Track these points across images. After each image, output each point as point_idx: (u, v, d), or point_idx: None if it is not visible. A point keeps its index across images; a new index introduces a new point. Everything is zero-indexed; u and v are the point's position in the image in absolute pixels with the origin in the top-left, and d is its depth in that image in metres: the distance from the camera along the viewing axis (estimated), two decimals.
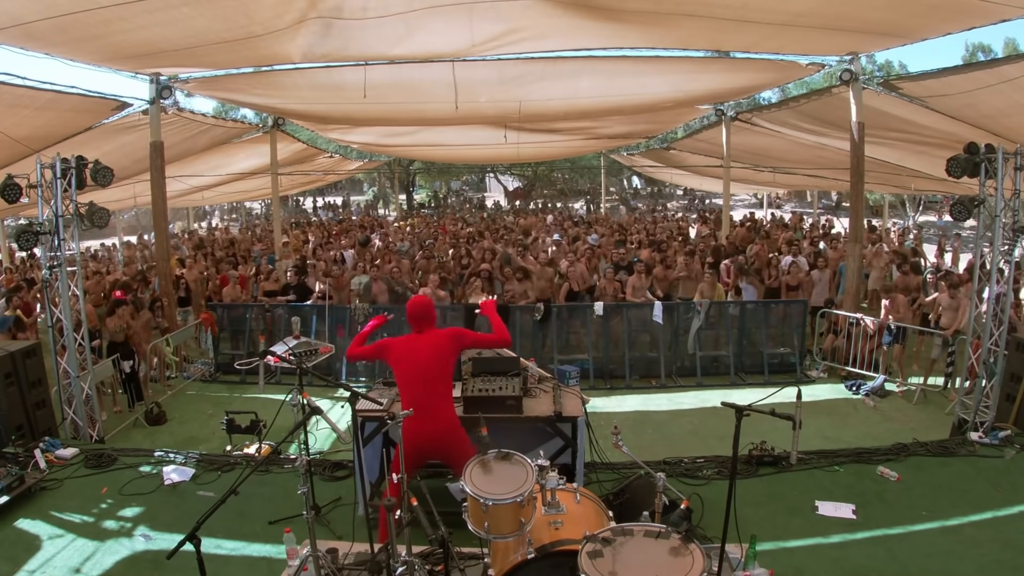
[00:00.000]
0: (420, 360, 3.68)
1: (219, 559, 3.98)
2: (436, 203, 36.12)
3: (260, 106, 11.20)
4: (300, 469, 3.26)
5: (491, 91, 9.26)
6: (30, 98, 7.02)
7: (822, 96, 9.11)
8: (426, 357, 3.68)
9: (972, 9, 5.74)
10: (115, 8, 5.43)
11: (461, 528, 2.97)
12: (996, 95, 6.77)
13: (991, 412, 5.82)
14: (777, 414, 3.00)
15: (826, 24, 6.69)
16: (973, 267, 6.37)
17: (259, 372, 6.89)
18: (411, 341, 3.79)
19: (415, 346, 3.75)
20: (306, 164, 17.58)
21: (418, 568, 3.05)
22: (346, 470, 5.12)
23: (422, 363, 3.67)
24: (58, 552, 4.11)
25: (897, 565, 3.90)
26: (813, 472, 5.07)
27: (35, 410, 5.78)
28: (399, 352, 3.76)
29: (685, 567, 2.49)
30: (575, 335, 8.67)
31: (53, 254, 5.79)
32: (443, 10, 6.32)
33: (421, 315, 3.84)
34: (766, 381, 8.02)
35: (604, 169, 23.84)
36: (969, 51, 23.18)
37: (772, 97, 17.10)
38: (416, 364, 3.67)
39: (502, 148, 14.60)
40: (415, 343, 3.76)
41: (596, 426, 4.69)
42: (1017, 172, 5.45)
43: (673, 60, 8.43)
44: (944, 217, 23.12)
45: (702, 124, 15.05)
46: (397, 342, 3.84)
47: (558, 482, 3.07)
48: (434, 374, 3.67)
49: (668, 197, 35.38)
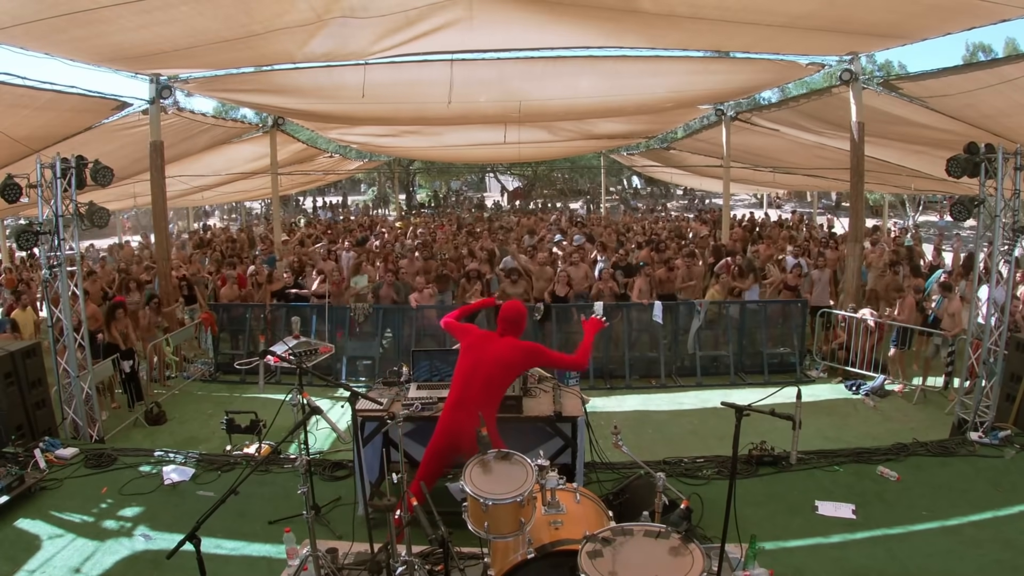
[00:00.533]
0: (487, 359, 3.67)
1: (219, 559, 3.97)
2: (436, 203, 36.11)
3: (260, 105, 11.20)
4: (300, 469, 3.26)
5: (491, 91, 9.26)
6: (30, 98, 7.02)
7: (822, 96, 9.11)
8: (494, 359, 3.67)
9: (972, 9, 5.74)
10: (114, 8, 5.43)
11: (461, 528, 2.97)
12: (996, 95, 6.77)
13: (991, 412, 5.81)
14: (777, 414, 3.00)
15: (826, 26, 6.70)
16: (971, 265, 6.36)
17: (259, 372, 6.89)
18: (489, 338, 3.79)
19: (490, 344, 3.74)
20: (306, 164, 17.59)
21: (418, 568, 3.05)
22: (346, 470, 5.12)
23: (487, 363, 3.66)
24: (58, 552, 4.11)
25: (897, 565, 3.90)
26: (813, 472, 5.07)
27: (35, 410, 5.78)
28: (473, 341, 3.77)
29: (685, 567, 2.49)
30: (575, 335, 8.66)
31: (53, 254, 5.79)
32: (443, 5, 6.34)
33: (512, 319, 3.82)
34: (766, 381, 8.02)
35: (604, 169, 23.85)
36: (970, 51, 23.22)
37: (772, 97, 17.12)
38: (481, 361, 3.67)
39: (502, 148, 14.62)
40: (491, 342, 3.76)
41: (596, 426, 4.68)
42: (1017, 172, 5.45)
43: (673, 60, 8.44)
44: (945, 217, 23.12)
45: (702, 124, 15.05)
46: (478, 333, 3.85)
47: (558, 482, 3.07)
48: (492, 378, 3.66)
49: (668, 197, 35.38)
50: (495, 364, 3.66)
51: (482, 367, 3.66)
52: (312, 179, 21.97)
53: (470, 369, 3.68)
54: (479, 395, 3.63)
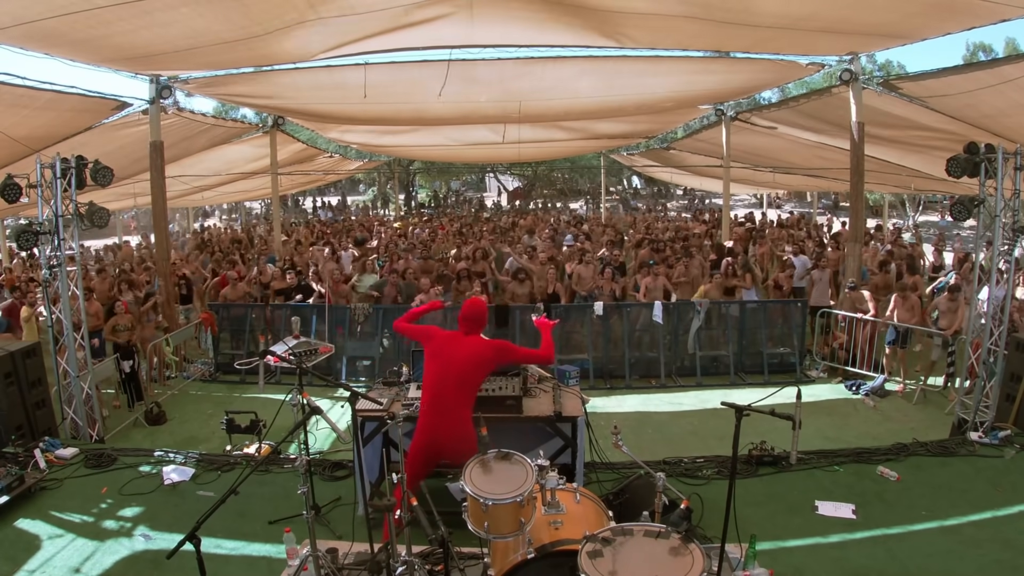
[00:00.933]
0: (457, 360, 3.63)
1: (219, 559, 3.97)
2: (436, 203, 36.11)
3: (260, 105, 11.21)
4: (300, 469, 3.26)
5: (491, 91, 9.26)
6: (30, 98, 7.03)
7: (822, 96, 9.11)
8: (463, 359, 3.63)
9: (972, 9, 5.74)
10: (114, 8, 5.43)
11: (461, 528, 2.97)
12: (996, 95, 6.77)
13: (991, 412, 5.81)
14: (777, 414, 3.00)
15: (827, 28, 6.70)
16: (971, 266, 6.35)
17: (259, 372, 6.89)
18: (455, 339, 3.73)
19: (457, 345, 3.69)
20: (306, 164, 17.58)
21: (418, 568, 3.05)
22: (346, 470, 5.12)
23: (458, 364, 3.62)
24: (58, 552, 4.11)
25: (897, 565, 3.90)
26: (813, 472, 5.06)
27: (35, 410, 5.78)
28: (439, 345, 3.71)
29: (685, 567, 2.49)
30: (575, 335, 8.67)
31: (53, 254, 5.79)
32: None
33: (475, 317, 3.78)
34: (766, 381, 8.02)
35: (604, 169, 23.85)
36: (970, 51, 23.22)
37: (772, 97, 17.11)
38: (451, 363, 3.63)
39: (502, 148, 14.62)
40: (458, 342, 3.71)
41: (596, 426, 4.68)
42: (1017, 172, 5.44)
43: (673, 60, 8.44)
44: (945, 217, 23.11)
45: (702, 124, 15.05)
46: (442, 334, 3.80)
47: (558, 482, 3.07)
48: (465, 378, 3.63)
49: (668, 197, 35.37)
50: (467, 363, 3.63)
51: (453, 368, 3.62)
52: (312, 179, 21.97)
53: (441, 372, 3.63)
54: (454, 396, 3.60)
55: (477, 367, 3.65)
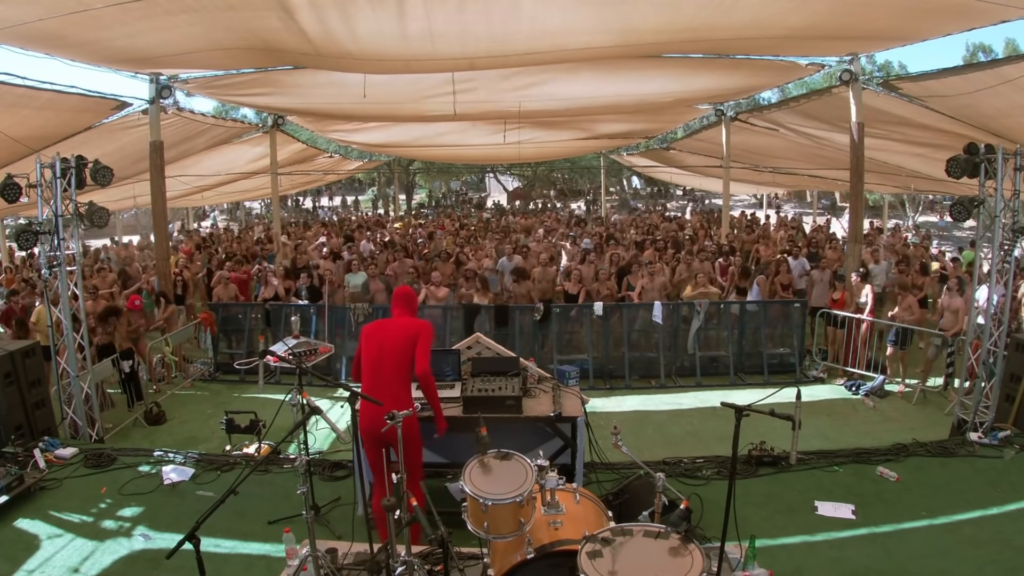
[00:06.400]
0: (390, 339, 3.75)
1: (218, 559, 3.97)
2: (436, 203, 36.09)
3: (260, 105, 11.21)
4: (299, 469, 3.25)
5: (491, 90, 9.25)
6: (30, 98, 7.02)
7: (822, 96, 9.10)
8: (394, 339, 3.75)
9: (972, 10, 5.74)
10: (113, 9, 5.42)
11: (461, 528, 2.97)
12: (996, 96, 6.77)
13: (990, 412, 5.81)
14: (777, 414, 3.00)
15: (827, 35, 6.71)
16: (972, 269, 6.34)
17: (259, 372, 6.89)
18: (383, 324, 3.90)
19: (386, 328, 3.84)
20: (306, 164, 17.58)
21: (418, 568, 3.05)
22: (345, 470, 5.12)
23: (389, 343, 3.74)
24: (57, 552, 4.11)
25: (896, 565, 3.90)
26: (813, 472, 5.07)
27: (34, 410, 5.78)
28: (368, 331, 3.86)
29: (685, 567, 2.49)
30: (575, 335, 8.67)
31: (53, 254, 5.78)
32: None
33: (404, 298, 3.96)
34: (766, 381, 8.02)
35: (604, 169, 23.84)
36: (970, 51, 23.21)
37: (772, 97, 17.09)
38: (382, 343, 3.74)
39: (502, 148, 14.61)
40: (386, 325, 3.86)
41: (596, 426, 4.69)
42: (1017, 172, 5.44)
43: (673, 60, 8.43)
44: (945, 217, 23.11)
45: (702, 124, 15.04)
46: (369, 326, 3.94)
47: (557, 482, 3.07)
48: (399, 355, 3.71)
49: (668, 197, 35.35)
50: (398, 339, 3.74)
51: (387, 347, 3.73)
52: (312, 179, 21.96)
53: (376, 354, 3.73)
54: (390, 376, 3.69)
55: (409, 341, 3.75)
